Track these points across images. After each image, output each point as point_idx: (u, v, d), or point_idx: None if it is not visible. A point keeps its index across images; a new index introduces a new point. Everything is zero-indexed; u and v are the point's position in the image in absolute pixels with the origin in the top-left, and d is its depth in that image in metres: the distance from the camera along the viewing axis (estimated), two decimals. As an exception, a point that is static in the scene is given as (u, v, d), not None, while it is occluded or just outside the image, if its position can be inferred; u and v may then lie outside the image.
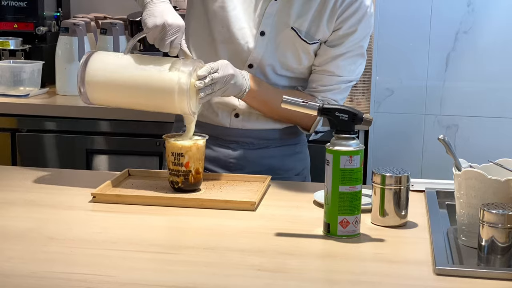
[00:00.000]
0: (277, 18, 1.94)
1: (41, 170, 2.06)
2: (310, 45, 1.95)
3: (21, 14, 3.12)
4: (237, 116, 2.01)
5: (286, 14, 1.94)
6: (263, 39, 1.95)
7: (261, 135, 2.02)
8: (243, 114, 2.00)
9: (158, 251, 1.45)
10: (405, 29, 2.86)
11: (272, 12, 1.94)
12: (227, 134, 2.02)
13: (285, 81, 2.00)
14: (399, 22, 2.85)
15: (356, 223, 1.53)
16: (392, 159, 2.85)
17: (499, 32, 2.82)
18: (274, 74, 1.98)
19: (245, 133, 2.02)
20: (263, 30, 1.95)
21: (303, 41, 1.95)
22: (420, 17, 2.84)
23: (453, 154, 1.55)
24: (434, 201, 1.74)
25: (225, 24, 1.95)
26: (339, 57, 1.97)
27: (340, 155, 1.50)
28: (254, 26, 1.95)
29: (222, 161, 2.02)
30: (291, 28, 1.94)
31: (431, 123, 2.87)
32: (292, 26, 1.94)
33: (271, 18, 1.94)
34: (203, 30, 2.00)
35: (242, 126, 2.01)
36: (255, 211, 1.70)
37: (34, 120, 2.80)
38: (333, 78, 1.99)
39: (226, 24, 1.95)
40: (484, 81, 2.85)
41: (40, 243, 1.47)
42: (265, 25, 1.95)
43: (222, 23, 1.96)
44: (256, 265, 1.38)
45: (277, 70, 1.98)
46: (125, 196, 1.75)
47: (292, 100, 1.59)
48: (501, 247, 1.37)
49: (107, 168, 2.78)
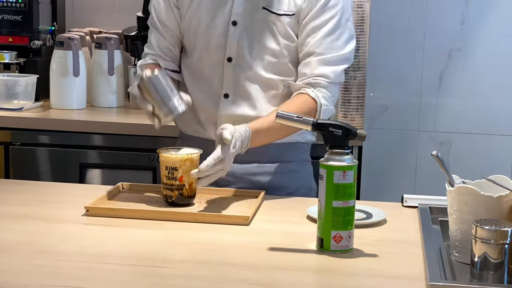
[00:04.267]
0: (246, 3, 1.96)
1: (34, 183, 2.06)
2: (282, 17, 1.94)
3: (16, 28, 3.13)
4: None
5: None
6: (236, 28, 1.96)
7: (250, 150, 1.98)
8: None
9: (150, 265, 1.45)
10: (399, 46, 2.87)
11: (241, 0, 1.96)
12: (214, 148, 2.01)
13: (269, 69, 1.97)
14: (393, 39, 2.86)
15: (349, 238, 1.53)
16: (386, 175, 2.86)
17: (492, 50, 2.84)
18: (256, 62, 1.96)
19: None
20: (234, 19, 1.96)
21: (275, 14, 1.93)
22: (413, 34, 2.85)
23: (446, 170, 1.55)
24: (427, 217, 1.74)
25: (198, 26, 1.99)
26: (317, 34, 1.92)
27: (333, 170, 1.50)
28: (225, 18, 1.97)
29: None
30: (262, 7, 1.95)
31: (424, 139, 2.88)
32: (263, 6, 1.95)
33: (241, 6, 1.96)
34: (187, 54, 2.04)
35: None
36: (249, 226, 1.69)
37: (28, 134, 2.80)
38: (320, 58, 1.93)
39: (199, 26, 1.98)
40: (478, 98, 2.86)
41: (32, 256, 1.47)
42: (236, 14, 1.96)
43: (196, 27, 1.99)
44: (249, 279, 1.38)
45: (258, 56, 1.96)
46: (118, 210, 1.74)
47: (287, 115, 1.59)
48: (494, 263, 1.37)
49: (101, 182, 2.77)
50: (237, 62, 1.97)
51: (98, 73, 3.02)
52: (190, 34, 2.02)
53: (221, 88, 2.00)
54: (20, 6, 3.12)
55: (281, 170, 2.04)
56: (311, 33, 1.94)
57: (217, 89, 2.00)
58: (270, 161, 2.03)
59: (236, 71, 1.98)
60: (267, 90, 1.99)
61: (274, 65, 1.98)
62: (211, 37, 1.99)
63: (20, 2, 3.11)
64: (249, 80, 1.98)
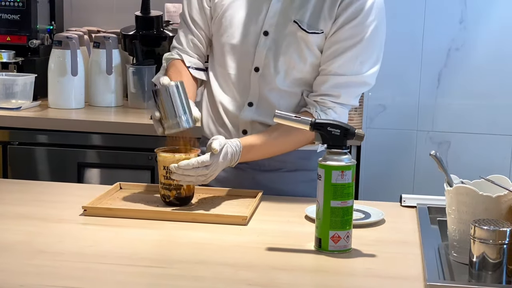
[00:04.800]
0: (280, 15, 1.93)
1: (32, 183, 2.05)
2: (311, 35, 1.89)
3: (14, 27, 3.12)
4: (244, 133, 1.98)
5: (289, 9, 1.92)
6: (266, 39, 1.94)
7: (273, 158, 1.95)
8: (251, 131, 1.96)
9: (148, 265, 1.44)
10: (397, 45, 2.87)
11: (276, 11, 1.93)
12: None
13: (290, 84, 1.94)
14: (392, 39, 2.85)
15: (347, 238, 1.53)
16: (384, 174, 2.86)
17: (490, 49, 2.84)
18: (279, 76, 1.94)
19: None
20: (266, 29, 1.94)
21: (304, 31, 1.89)
22: (412, 33, 2.85)
23: (444, 170, 1.55)
24: (426, 217, 1.74)
25: (230, 31, 1.96)
26: (339, 52, 1.89)
27: (332, 170, 1.50)
28: (258, 27, 1.94)
29: (232, 182, 1.99)
30: (293, 21, 1.92)
31: (423, 139, 2.88)
32: (294, 19, 1.92)
33: (275, 17, 1.93)
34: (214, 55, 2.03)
35: None
36: (247, 226, 1.69)
37: (26, 133, 2.79)
38: (334, 77, 1.90)
39: (230, 31, 1.96)
40: (476, 98, 2.86)
41: (30, 256, 1.46)
42: (269, 24, 1.94)
43: (227, 31, 1.97)
44: (247, 279, 1.38)
45: (282, 70, 1.93)
46: (116, 209, 1.74)
47: (285, 115, 1.59)
48: (492, 263, 1.36)
49: (99, 181, 2.77)
50: (263, 73, 1.95)
51: (96, 72, 3.01)
52: (222, 37, 1.99)
53: (246, 96, 1.97)
54: (18, 5, 3.11)
55: (302, 178, 2.00)
56: (335, 50, 1.89)
57: (243, 97, 1.98)
58: (291, 169, 2.00)
59: (261, 82, 1.95)
60: (291, 101, 1.96)
61: (299, 80, 1.95)
62: (242, 44, 1.96)
63: (18, 1, 3.11)
64: (273, 91, 1.95)
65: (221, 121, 2.01)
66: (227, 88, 2.00)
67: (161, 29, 3.10)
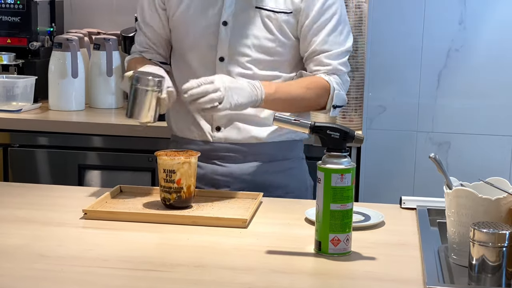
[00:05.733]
0: (237, 3, 1.97)
1: (32, 186, 2.05)
2: (278, 14, 1.96)
3: (14, 29, 3.13)
4: (218, 130, 2.01)
5: None
6: (226, 29, 1.97)
7: (247, 150, 2.01)
8: (224, 126, 2.00)
9: (149, 268, 1.45)
10: (397, 46, 2.86)
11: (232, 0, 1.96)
12: (211, 149, 2.01)
13: (264, 67, 1.99)
14: (391, 39, 2.85)
15: (347, 241, 1.53)
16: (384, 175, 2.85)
17: (490, 50, 2.83)
18: (249, 60, 1.98)
19: (229, 148, 2.01)
20: (224, 20, 1.97)
21: (271, 12, 1.95)
22: (412, 34, 2.85)
23: (444, 172, 1.55)
24: (426, 219, 1.74)
25: (186, 28, 2.00)
26: (321, 33, 1.97)
27: (331, 173, 1.50)
28: (216, 19, 1.97)
29: (208, 178, 2.02)
30: (255, 7, 1.96)
31: (423, 140, 2.87)
32: (256, 5, 1.96)
33: (232, 6, 1.97)
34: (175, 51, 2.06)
35: (225, 139, 2.01)
36: (247, 228, 1.69)
37: (27, 135, 2.80)
38: (326, 55, 1.98)
39: (186, 29, 1.99)
40: (476, 98, 2.85)
41: (30, 260, 1.47)
42: (227, 15, 1.97)
43: (183, 28, 2.00)
44: (247, 283, 1.38)
45: (252, 55, 1.97)
46: (116, 213, 1.74)
47: (284, 118, 1.60)
48: (492, 266, 1.37)
49: (100, 183, 2.78)
50: (229, 61, 1.98)
51: (96, 74, 3.02)
52: (180, 35, 2.03)
53: None
54: (19, 8, 3.12)
55: (278, 168, 2.05)
56: (316, 32, 1.98)
57: None
58: (267, 160, 2.03)
59: (228, 70, 1.98)
60: None
61: (269, 62, 1.99)
62: (201, 38, 1.99)
63: (18, 4, 3.11)
64: (243, 78, 1.97)
65: (191, 119, 2.03)
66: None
67: (161, 30, 3.10)
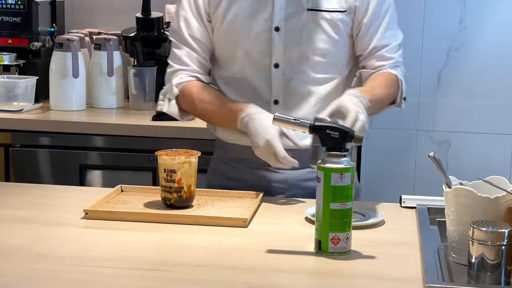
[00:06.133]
0: (288, 8, 1.93)
1: (33, 186, 2.06)
2: (333, 13, 1.93)
3: (15, 30, 3.13)
4: None
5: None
6: (279, 34, 1.93)
7: (303, 156, 1.88)
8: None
9: (149, 268, 1.45)
10: (397, 45, 2.87)
11: (282, 4, 1.93)
12: None
13: (318, 69, 1.95)
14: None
15: (347, 240, 1.53)
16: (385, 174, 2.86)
17: (490, 49, 2.84)
18: (304, 63, 1.94)
19: None
20: (276, 26, 1.93)
21: (325, 12, 1.93)
22: (412, 33, 2.85)
23: (443, 171, 1.56)
24: (425, 218, 1.75)
25: (236, 39, 1.95)
26: (379, 30, 1.97)
27: (331, 172, 1.51)
28: (267, 26, 1.93)
29: (263, 184, 1.98)
30: (307, 10, 1.93)
31: (423, 139, 2.88)
32: (308, 8, 1.93)
33: (282, 11, 1.93)
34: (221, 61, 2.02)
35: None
36: (247, 228, 1.70)
37: (28, 136, 2.80)
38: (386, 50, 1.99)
39: (236, 38, 1.95)
40: (476, 97, 2.86)
41: (31, 260, 1.47)
42: (278, 20, 1.93)
43: (234, 40, 1.96)
44: (247, 282, 1.38)
45: (308, 58, 1.94)
46: (117, 212, 1.75)
47: (284, 118, 1.60)
48: (491, 265, 1.37)
49: (101, 183, 2.78)
50: (285, 67, 1.95)
51: (97, 74, 3.02)
52: (229, 46, 1.98)
53: (270, 94, 1.96)
54: (19, 8, 3.12)
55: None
56: (375, 29, 1.98)
57: (266, 97, 1.96)
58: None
59: (285, 76, 1.95)
60: (317, 89, 1.97)
61: (322, 64, 1.96)
62: (254, 45, 1.95)
63: (19, 4, 3.12)
64: (298, 82, 1.95)
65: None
66: (245, 94, 1.97)
67: (161, 30, 3.11)
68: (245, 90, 1.98)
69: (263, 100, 1.96)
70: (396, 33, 2.03)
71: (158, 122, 2.74)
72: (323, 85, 1.97)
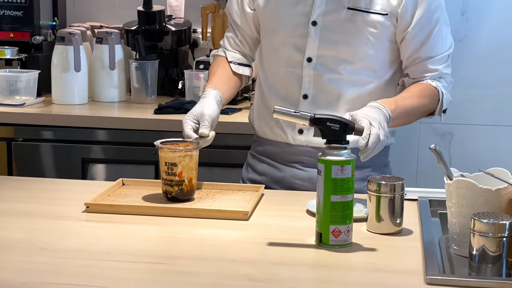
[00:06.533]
0: (328, 3, 1.92)
1: (34, 180, 2.06)
2: (373, 15, 1.89)
3: (17, 24, 3.13)
4: (301, 132, 1.97)
5: None
6: (316, 29, 1.92)
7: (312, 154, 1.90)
8: (307, 129, 1.94)
9: (150, 261, 1.45)
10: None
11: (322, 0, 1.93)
12: (292, 152, 1.99)
13: (354, 72, 1.93)
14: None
15: (348, 233, 1.53)
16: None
17: (493, 40, 2.83)
18: (340, 63, 1.93)
19: (310, 151, 1.95)
20: (314, 20, 1.93)
21: (365, 12, 1.89)
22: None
23: (444, 163, 1.55)
24: (427, 210, 1.74)
25: (274, 28, 1.98)
26: (427, 40, 1.93)
27: (331, 164, 1.50)
28: (305, 20, 1.94)
29: (287, 181, 2.00)
30: (347, 8, 1.91)
31: (425, 131, 2.87)
32: (348, 6, 1.91)
33: (322, 6, 1.92)
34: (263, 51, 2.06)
35: (306, 143, 1.97)
36: (248, 221, 1.70)
37: (30, 129, 2.80)
38: (433, 60, 1.96)
39: (274, 28, 1.98)
40: (479, 89, 2.85)
41: (32, 253, 1.47)
42: (316, 14, 1.92)
43: (272, 29, 1.99)
44: (248, 275, 1.39)
45: (342, 57, 1.92)
46: (118, 206, 1.75)
47: (284, 110, 1.59)
48: (492, 256, 1.37)
49: (103, 176, 2.78)
50: (317, 62, 1.94)
51: (99, 68, 3.02)
52: (269, 34, 2.01)
53: (299, 89, 1.96)
54: (21, 2, 3.12)
55: (360, 176, 1.87)
56: (420, 40, 1.93)
57: (295, 91, 1.97)
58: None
59: (316, 72, 1.94)
60: (348, 90, 1.95)
61: (356, 66, 1.94)
62: (290, 37, 1.96)
63: (21, -2, 3.12)
64: (330, 80, 1.94)
65: (274, 120, 2.00)
66: (278, 85, 2.00)
67: (163, 23, 3.10)
68: (277, 83, 2.01)
69: (292, 94, 1.97)
70: (443, 44, 1.98)
71: (160, 115, 2.74)
72: (356, 87, 1.95)
